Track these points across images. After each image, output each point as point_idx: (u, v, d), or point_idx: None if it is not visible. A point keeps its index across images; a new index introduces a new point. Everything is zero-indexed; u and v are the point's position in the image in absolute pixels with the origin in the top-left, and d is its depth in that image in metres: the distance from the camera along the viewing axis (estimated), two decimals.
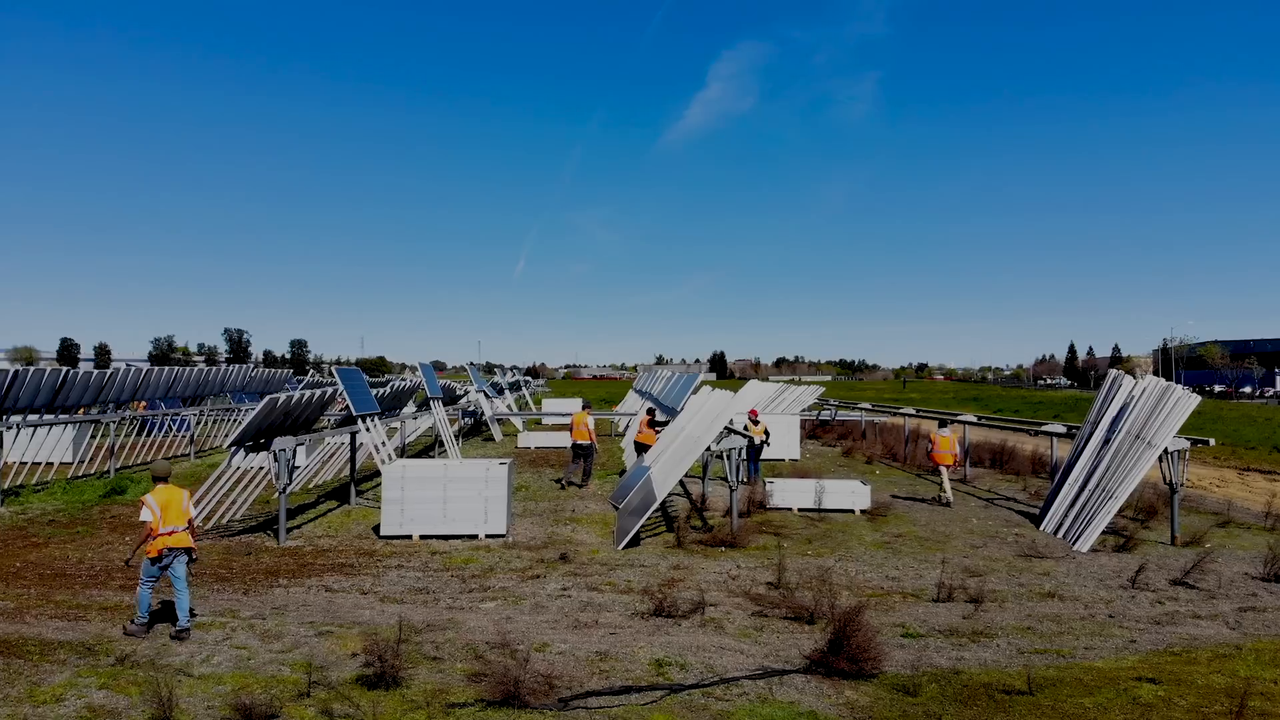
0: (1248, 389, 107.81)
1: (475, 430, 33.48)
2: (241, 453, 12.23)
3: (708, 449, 12.11)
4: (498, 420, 31.76)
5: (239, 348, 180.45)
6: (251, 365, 27.80)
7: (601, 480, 18.63)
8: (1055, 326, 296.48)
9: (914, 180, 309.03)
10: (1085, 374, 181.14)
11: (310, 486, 18.03)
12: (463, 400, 29.76)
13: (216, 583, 9.99)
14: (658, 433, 17.62)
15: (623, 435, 27.64)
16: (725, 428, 11.98)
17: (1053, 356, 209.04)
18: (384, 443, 15.90)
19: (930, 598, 9.25)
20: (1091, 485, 13.38)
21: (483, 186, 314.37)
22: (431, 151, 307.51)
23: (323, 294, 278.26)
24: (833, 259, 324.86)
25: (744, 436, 11.96)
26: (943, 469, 16.03)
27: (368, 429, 14.93)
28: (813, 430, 29.88)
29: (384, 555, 11.32)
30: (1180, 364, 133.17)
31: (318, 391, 13.19)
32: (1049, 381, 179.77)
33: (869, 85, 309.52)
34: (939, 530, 13.41)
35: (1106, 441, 13.83)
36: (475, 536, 12.26)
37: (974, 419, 19.51)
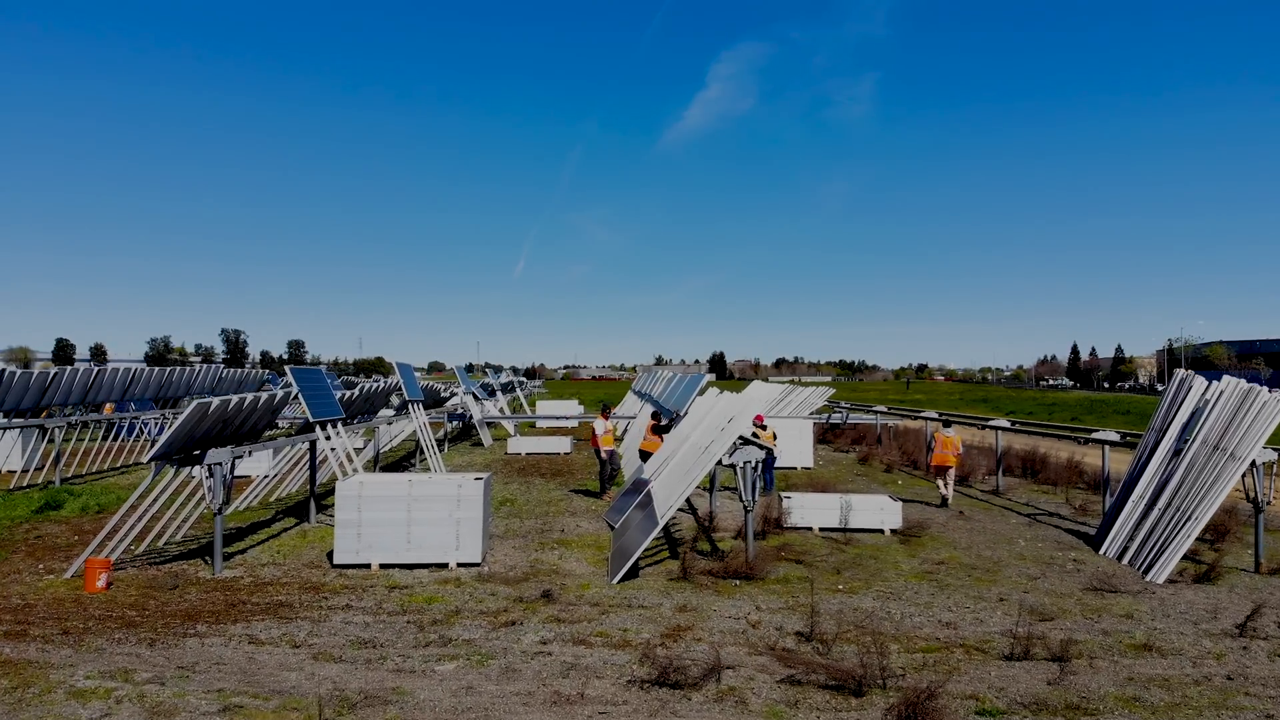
0: None
1: (465, 434, 31.64)
2: (170, 469, 10.40)
3: (719, 462, 10.26)
4: (488, 424, 29.93)
5: (236, 348, 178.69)
6: (220, 365, 25.93)
7: (592, 493, 16.79)
8: (1055, 327, 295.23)
9: (913, 181, 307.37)
10: (1088, 375, 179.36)
11: (270, 500, 16.19)
12: (449, 403, 27.90)
13: (121, 629, 8.15)
14: (664, 440, 15.79)
15: (620, 440, 25.78)
16: (740, 437, 10.14)
17: (1054, 357, 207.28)
18: (350, 452, 14.06)
19: (1001, 653, 7.41)
20: (1162, 503, 11.54)
21: (482, 187, 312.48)
22: (431, 152, 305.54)
23: (321, 295, 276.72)
24: (832, 259, 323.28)
25: (762, 448, 10.11)
26: (947, 471, 15.45)
27: (328, 437, 13.09)
28: (822, 435, 28.04)
29: (333, 590, 9.47)
30: (1185, 365, 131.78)
31: (264, 394, 11.34)
32: (1051, 382, 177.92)
33: (869, 86, 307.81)
34: (984, 555, 11.58)
35: (1177, 452, 12.01)
36: (445, 566, 10.42)
37: (1007, 424, 17.70)
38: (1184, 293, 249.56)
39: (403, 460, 22.71)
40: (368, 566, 10.42)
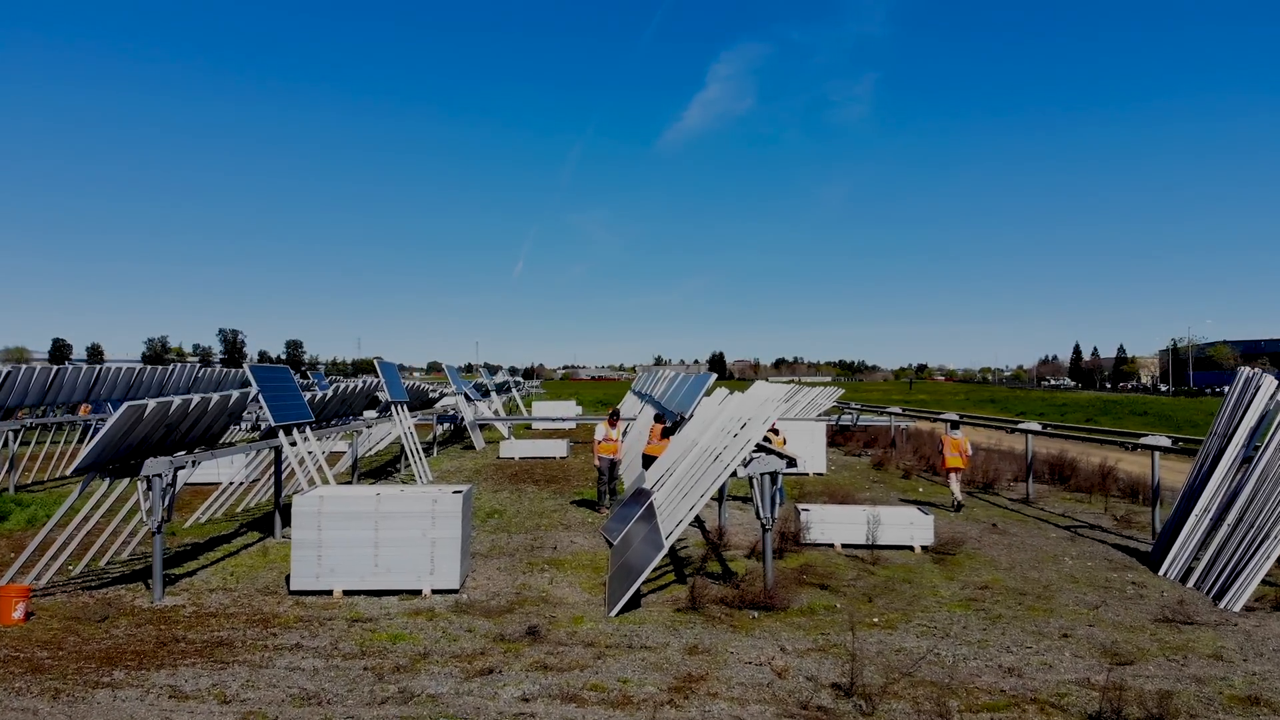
0: None
1: (458, 437, 30.29)
2: (103, 481, 9.04)
3: (734, 473, 8.92)
4: (481, 426, 28.58)
5: (233, 348, 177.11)
6: (197, 364, 24.58)
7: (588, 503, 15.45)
8: (1054, 328, 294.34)
9: (913, 180, 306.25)
10: (1090, 375, 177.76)
11: (237, 510, 14.84)
12: (439, 404, 26.55)
13: (26, 674, 6.80)
14: (669, 444, 14.43)
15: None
16: (759, 446, 8.80)
17: (1055, 357, 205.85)
18: (321, 462, 12.71)
19: (1085, 712, 6.07)
20: (1232, 519, 10.21)
21: (482, 188, 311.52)
22: (430, 153, 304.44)
23: (320, 295, 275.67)
24: (831, 259, 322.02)
25: (782, 457, 8.77)
26: (953, 473, 14.97)
27: (293, 443, 11.75)
28: (831, 437, 26.67)
29: (285, 624, 8.12)
30: (1189, 365, 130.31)
31: (216, 396, 9.99)
32: (1054, 382, 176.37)
33: (868, 86, 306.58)
34: (1030, 576, 10.25)
35: (1246, 460, 10.68)
36: (418, 592, 9.07)
37: (1038, 427, 16.36)
38: (1184, 293, 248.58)
39: (387, 466, 21.35)
40: (329, 593, 9.08)
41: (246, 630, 7.96)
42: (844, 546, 11.45)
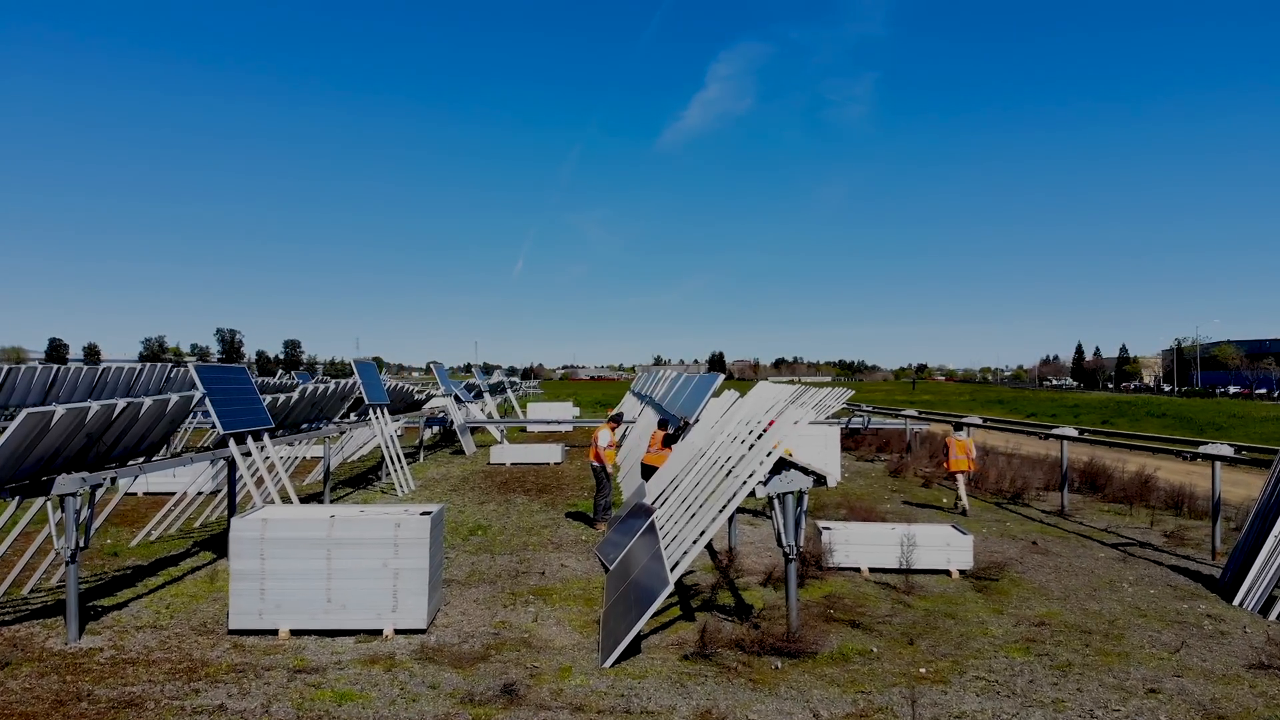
0: (1262, 391, 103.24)
1: (449, 440, 28.92)
2: (9, 502, 7.70)
3: (752, 493, 7.55)
4: (472, 429, 27.22)
5: (231, 348, 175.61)
6: (170, 365, 23.25)
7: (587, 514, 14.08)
8: (1053, 328, 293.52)
9: (912, 180, 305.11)
10: (1092, 375, 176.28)
11: (195, 525, 13.47)
12: (427, 405, 25.17)
13: None
14: (672, 452, 13.09)
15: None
16: (783, 460, 7.44)
17: (1056, 357, 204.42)
18: (279, 475, 11.35)
19: None
20: None
21: (481, 187, 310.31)
22: (430, 152, 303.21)
23: (319, 295, 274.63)
24: (830, 259, 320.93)
25: (808, 473, 7.40)
26: (959, 476, 14.73)
27: (247, 453, 10.38)
28: (841, 442, 25.28)
29: (214, 675, 6.76)
30: (1192, 365, 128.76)
31: (148, 401, 8.62)
32: (1055, 382, 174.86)
33: (867, 86, 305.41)
34: (1090, 609, 8.90)
35: None
36: (378, 633, 7.71)
37: (1074, 433, 14.98)
38: (1184, 293, 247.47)
39: (368, 473, 19.98)
40: (274, 633, 7.72)
41: (166, 684, 6.59)
42: (871, 571, 10.10)
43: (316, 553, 7.70)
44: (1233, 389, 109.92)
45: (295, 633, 7.72)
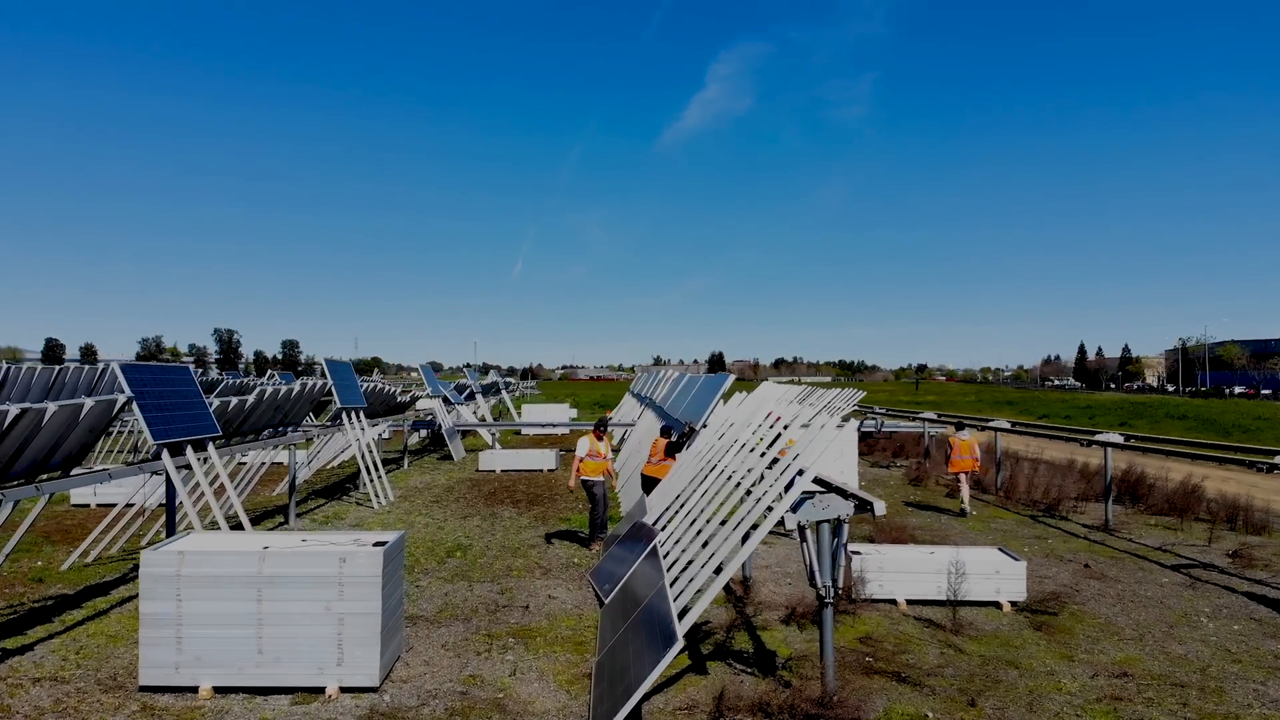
0: (1268, 391, 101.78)
1: (439, 444, 27.49)
2: None
3: (781, 522, 6.15)
4: (462, 433, 25.80)
5: (229, 348, 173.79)
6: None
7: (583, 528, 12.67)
8: (1054, 328, 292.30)
9: (912, 180, 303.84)
10: (1095, 375, 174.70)
11: (141, 545, 12.04)
12: (415, 407, 23.74)
13: None
14: (676, 462, 11.67)
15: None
16: (818, 481, 6.04)
17: (1058, 357, 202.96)
18: (228, 490, 9.93)
19: None
20: None
21: (481, 188, 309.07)
22: (430, 153, 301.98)
23: (318, 295, 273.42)
24: (830, 260, 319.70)
25: (848, 497, 6.00)
26: (962, 477, 14.49)
27: (184, 466, 8.96)
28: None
29: None
30: (1196, 365, 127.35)
31: (53, 406, 7.21)
32: (1058, 382, 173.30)
33: (867, 86, 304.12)
34: (1174, 652, 7.49)
35: None
36: (320, 691, 6.30)
37: (1119, 439, 13.56)
38: (1185, 293, 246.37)
39: (345, 482, 18.54)
40: (194, 690, 6.31)
41: None
42: (910, 604, 8.69)
43: (246, 593, 6.29)
44: (1238, 389, 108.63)
45: (219, 690, 6.31)
